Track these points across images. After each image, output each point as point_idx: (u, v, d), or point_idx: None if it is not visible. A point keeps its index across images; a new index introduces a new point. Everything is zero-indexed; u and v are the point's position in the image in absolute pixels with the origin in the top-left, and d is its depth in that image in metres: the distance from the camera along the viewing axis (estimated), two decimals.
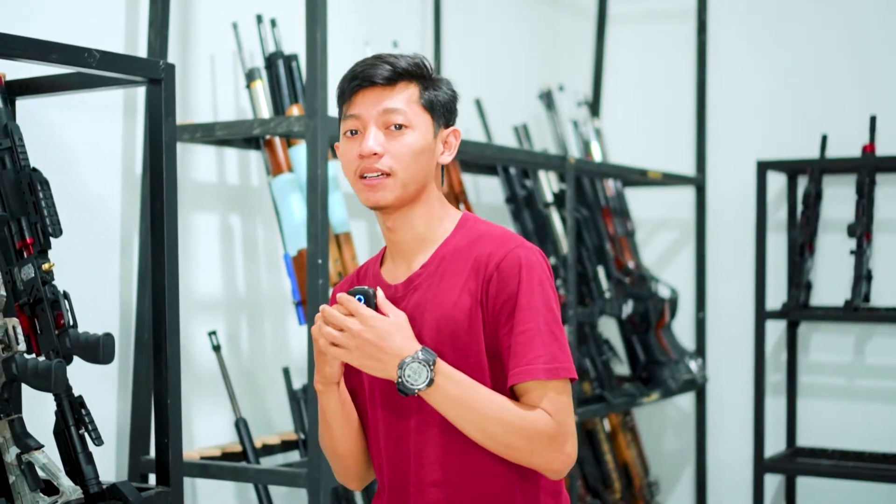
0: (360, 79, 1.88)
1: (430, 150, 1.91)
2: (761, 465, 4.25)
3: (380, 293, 1.84)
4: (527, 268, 1.85)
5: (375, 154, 1.85)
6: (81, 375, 2.25)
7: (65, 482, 2.03)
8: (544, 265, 1.89)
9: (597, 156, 4.53)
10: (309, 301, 2.66)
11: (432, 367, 1.77)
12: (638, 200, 4.86)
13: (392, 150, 1.86)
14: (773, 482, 4.56)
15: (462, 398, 1.79)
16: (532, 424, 1.80)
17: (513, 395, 1.84)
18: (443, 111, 1.93)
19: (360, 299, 1.81)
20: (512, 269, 1.85)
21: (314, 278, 2.64)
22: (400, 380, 1.77)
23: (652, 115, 4.95)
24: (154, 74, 2.20)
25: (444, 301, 1.87)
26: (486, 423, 1.79)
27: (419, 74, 1.90)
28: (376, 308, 1.82)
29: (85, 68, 2.09)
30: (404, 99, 1.88)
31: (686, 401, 4.82)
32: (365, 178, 1.87)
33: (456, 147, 1.97)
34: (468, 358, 1.84)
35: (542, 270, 1.87)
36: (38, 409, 2.25)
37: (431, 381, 1.77)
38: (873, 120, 4.20)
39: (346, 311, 1.81)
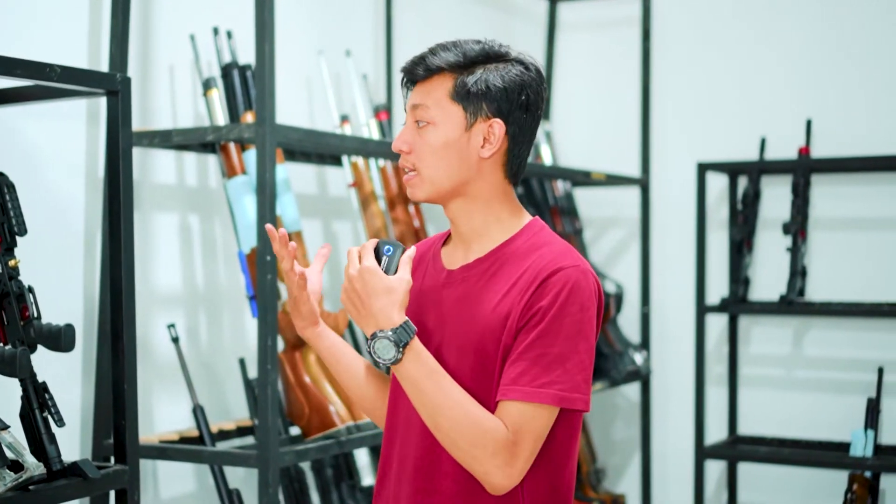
0: (404, 75, 1.86)
1: (460, 145, 1.82)
2: (702, 452, 4.37)
3: (409, 252, 1.79)
4: (571, 290, 1.77)
5: (402, 151, 1.85)
6: (50, 364, 2.35)
7: (29, 460, 2.12)
8: (593, 292, 1.80)
9: (546, 158, 4.60)
10: (259, 295, 2.74)
11: (402, 349, 1.74)
12: (587, 200, 4.94)
13: (416, 148, 1.83)
14: (717, 468, 4.66)
15: (421, 384, 1.76)
16: (481, 430, 1.74)
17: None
18: (483, 99, 1.80)
19: (388, 250, 1.77)
20: (555, 285, 1.77)
21: (263, 274, 2.72)
22: (370, 348, 1.76)
23: (600, 119, 5.01)
24: (112, 87, 2.31)
25: (487, 301, 1.81)
26: (436, 413, 1.75)
27: (463, 64, 1.80)
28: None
29: (48, 81, 2.18)
30: (435, 92, 1.81)
31: (633, 391, 4.89)
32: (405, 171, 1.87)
33: (499, 140, 1.82)
34: (485, 361, 1.81)
35: (588, 297, 1.78)
36: (5, 394, 2.34)
37: (397, 361, 1.75)
38: (809, 123, 4.32)
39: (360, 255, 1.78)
